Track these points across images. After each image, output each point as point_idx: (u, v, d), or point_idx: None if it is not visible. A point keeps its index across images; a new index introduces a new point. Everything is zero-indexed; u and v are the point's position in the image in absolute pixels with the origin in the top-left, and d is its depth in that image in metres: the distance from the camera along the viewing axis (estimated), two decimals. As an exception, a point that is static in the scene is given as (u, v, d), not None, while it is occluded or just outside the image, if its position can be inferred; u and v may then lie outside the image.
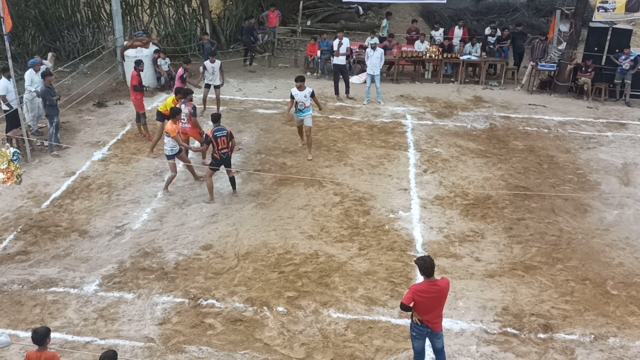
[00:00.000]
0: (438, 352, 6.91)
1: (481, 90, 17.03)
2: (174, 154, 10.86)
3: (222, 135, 10.53)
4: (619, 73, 16.06)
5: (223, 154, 10.62)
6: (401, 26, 21.97)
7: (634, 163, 12.63)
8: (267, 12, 19.90)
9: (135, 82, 13.02)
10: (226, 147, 10.63)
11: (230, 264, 9.09)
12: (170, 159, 10.92)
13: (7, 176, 8.97)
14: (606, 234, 10.07)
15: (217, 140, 10.49)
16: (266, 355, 7.38)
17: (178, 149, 10.85)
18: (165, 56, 16.83)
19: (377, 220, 10.27)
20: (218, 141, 10.50)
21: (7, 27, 11.51)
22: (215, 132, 10.50)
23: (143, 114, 13.31)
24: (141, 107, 13.22)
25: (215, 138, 10.48)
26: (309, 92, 12.14)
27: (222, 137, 10.53)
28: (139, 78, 13.01)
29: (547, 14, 22.14)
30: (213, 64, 14.19)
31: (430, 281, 6.50)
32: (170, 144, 10.73)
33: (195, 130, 11.89)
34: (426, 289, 6.47)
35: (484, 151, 13.01)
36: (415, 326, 6.68)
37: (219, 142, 10.51)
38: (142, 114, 13.30)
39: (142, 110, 13.27)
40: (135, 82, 13.02)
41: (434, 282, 6.49)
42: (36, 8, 18.75)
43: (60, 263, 9.09)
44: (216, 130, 10.52)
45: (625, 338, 7.74)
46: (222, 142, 10.55)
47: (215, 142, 10.49)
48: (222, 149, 10.58)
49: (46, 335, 5.95)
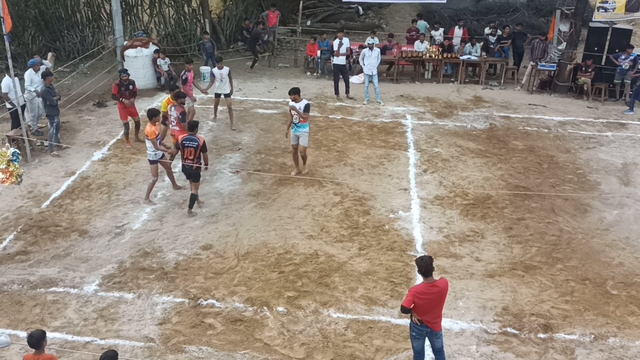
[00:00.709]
0: (437, 352, 6.92)
1: (481, 90, 17.03)
2: (158, 158, 10.50)
3: (190, 146, 9.97)
4: (618, 73, 16.06)
5: (188, 164, 10.07)
6: (401, 26, 21.98)
7: (634, 163, 12.63)
8: (267, 12, 19.91)
9: (114, 91, 12.78)
10: (192, 159, 10.02)
11: (230, 264, 9.09)
12: (153, 163, 10.56)
13: (6, 176, 8.97)
14: (606, 234, 10.07)
15: (183, 148, 10.00)
16: (266, 355, 7.38)
17: (161, 153, 10.49)
18: (165, 56, 16.83)
19: (377, 220, 10.27)
20: (185, 150, 10.00)
21: (7, 27, 11.52)
22: (185, 140, 10.02)
23: (125, 123, 12.94)
24: (121, 116, 12.94)
25: (183, 146, 9.99)
26: (303, 105, 11.21)
27: (190, 148, 9.96)
28: (117, 88, 12.67)
29: (547, 14, 22.15)
30: (221, 71, 13.49)
31: (429, 282, 6.50)
32: (152, 147, 10.38)
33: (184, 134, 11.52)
34: (426, 290, 6.48)
35: (484, 151, 13.01)
36: (414, 326, 6.69)
37: (185, 152, 10.00)
38: (124, 123, 12.95)
39: (123, 120, 12.95)
40: (114, 91, 12.78)
41: (432, 283, 6.50)
42: (36, 8, 18.77)
43: (60, 263, 9.09)
44: (186, 138, 10.03)
45: (625, 338, 7.74)
46: (188, 152, 9.99)
47: (181, 150, 10.05)
48: (187, 159, 10.03)
49: (42, 338, 5.92)
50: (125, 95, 12.68)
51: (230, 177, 11.71)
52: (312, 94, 16.18)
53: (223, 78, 13.52)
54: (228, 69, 13.65)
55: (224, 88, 13.63)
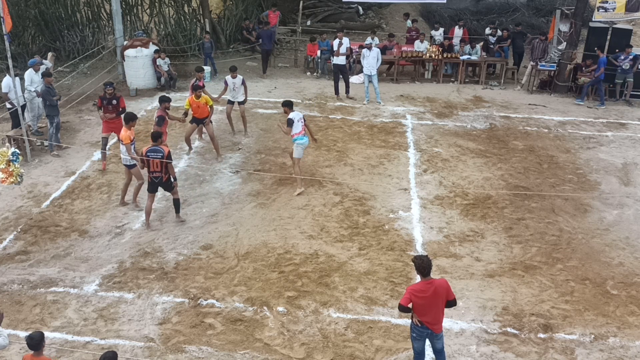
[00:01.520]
0: (438, 353, 6.92)
1: (481, 90, 17.03)
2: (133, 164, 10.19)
3: (155, 157, 9.55)
4: (619, 73, 16.06)
5: (154, 177, 9.72)
6: (401, 26, 21.98)
7: (634, 163, 12.63)
8: (267, 11, 19.91)
9: (98, 103, 11.99)
10: (159, 171, 9.65)
11: (230, 263, 9.09)
12: (131, 168, 10.27)
13: (6, 176, 8.97)
14: (606, 234, 10.07)
15: (148, 161, 9.56)
16: (266, 355, 7.38)
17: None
18: (165, 56, 16.83)
19: (377, 220, 10.27)
20: (150, 163, 9.56)
21: (7, 27, 11.52)
22: (149, 152, 9.61)
23: (103, 137, 12.02)
24: (103, 128, 12.02)
25: (147, 158, 9.55)
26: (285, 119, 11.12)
27: (155, 160, 9.53)
28: (100, 101, 11.86)
29: (547, 13, 22.15)
30: (234, 80, 13.15)
31: (426, 280, 6.49)
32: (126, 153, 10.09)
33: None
34: (422, 289, 6.46)
35: (484, 151, 13.01)
36: (415, 327, 6.68)
37: (151, 164, 9.57)
38: (102, 137, 12.03)
39: (103, 133, 12.03)
40: (98, 103, 11.99)
41: (429, 281, 6.48)
42: (36, 8, 18.76)
43: (60, 263, 9.10)
44: (150, 150, 9.61)
45: (625, 338, 7.74)
46: (153, 165, 9.57)
47: (147, 163, 9.61)
48: (154, 171, 9.65)
49: (41, 340, 5.91)
50: (107, 109, 11.79)
51: (230, 177, 11.71)
52: (312, 94, 16.19)
53: (236, 87, 13.26)
54: (242, 78, 13.37)
55: (237, 96, 13.36)
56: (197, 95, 12.02)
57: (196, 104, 12.04)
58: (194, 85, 12.54)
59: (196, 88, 12.17)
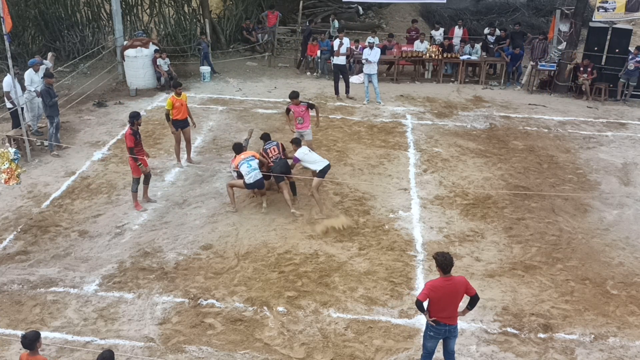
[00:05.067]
0: (449, 355, 6.84)
1: (481, 90, 17.03)
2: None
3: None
4: (625, 74, 16.06)
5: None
6: (401, 26, 21.99)
7: (634, 163, 12.63)
8: (266, 12, 19.92)
9: (129, 143, 10.17)
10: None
11: (230, 263, 9.09)
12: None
13: (9, 176, 8.98)
14: (606, 233, 10.07)
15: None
16: (266, 355, 7.38)
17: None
18: (165, 56, 16.83)
19: (377, 220, 10.26)
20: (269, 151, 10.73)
21: (7, 27, 11.52)
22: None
23: (135, 179, 10.44)
24: (133, 170, 10.40)
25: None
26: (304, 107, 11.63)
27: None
28: (132, 138, 10.13)
29: (547, 13, 22.16)
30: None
31: (445, 277, 6.47)
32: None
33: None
34: (441, 285, 6.42)
35: (484, 151, 13.00)
36: (431, 327, 6.59)
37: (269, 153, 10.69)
38: (135, 179, 10.45)
39: (134, 175, 10.43)
40: (129, 143, 10.17)
41: (448, 278, 6.45)
42: (36, 8, 18.77)
43: (60, 263, 9.09)
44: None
45: (625, 338, 7.74)
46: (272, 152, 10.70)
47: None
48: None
49: (36, 340, 5.88)
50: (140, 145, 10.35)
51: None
52: (312, 94, 16.18)
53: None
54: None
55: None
56: (178, 93, 11.72)
57: (179, 102, 11.70)
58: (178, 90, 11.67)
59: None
